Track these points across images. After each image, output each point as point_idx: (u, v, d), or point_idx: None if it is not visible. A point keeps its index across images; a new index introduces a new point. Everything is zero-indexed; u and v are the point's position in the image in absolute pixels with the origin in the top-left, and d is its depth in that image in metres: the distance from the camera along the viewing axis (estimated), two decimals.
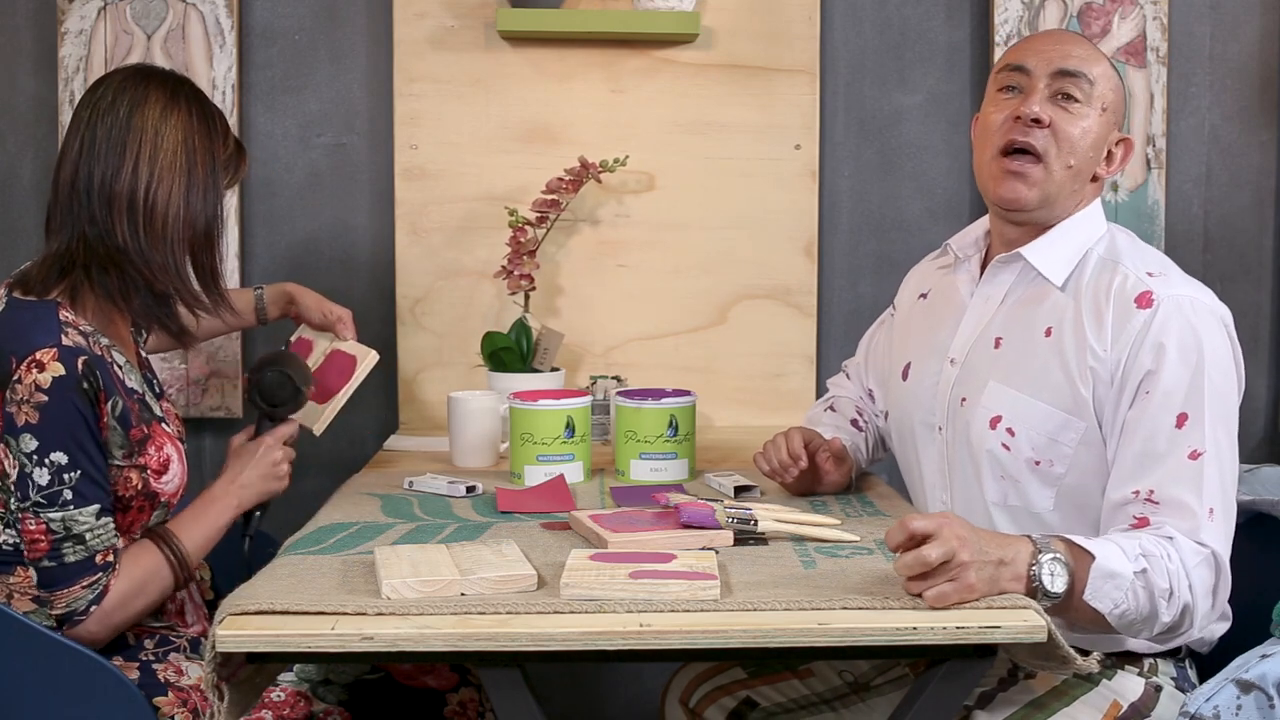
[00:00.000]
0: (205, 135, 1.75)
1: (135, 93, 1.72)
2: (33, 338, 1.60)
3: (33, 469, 1.57)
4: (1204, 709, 1.43)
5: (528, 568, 1.41)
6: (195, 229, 1.74)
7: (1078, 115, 1.63)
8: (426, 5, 2.55)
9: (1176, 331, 1.54)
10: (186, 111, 1.74)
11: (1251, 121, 2.67)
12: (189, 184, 1.72)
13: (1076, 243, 1.67)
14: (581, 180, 2.45)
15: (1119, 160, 1.69)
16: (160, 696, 1.63)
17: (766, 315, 2.62)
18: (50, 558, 1.58)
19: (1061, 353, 1.62)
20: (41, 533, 1.58)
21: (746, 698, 1.87)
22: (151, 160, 1.70)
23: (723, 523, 1.59)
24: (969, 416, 1.69)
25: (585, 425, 2.00)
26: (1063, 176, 1.64)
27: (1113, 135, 1.68)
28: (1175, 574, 1.44)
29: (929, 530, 1.33)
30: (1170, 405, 1.52)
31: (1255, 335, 2.71)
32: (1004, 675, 1.63)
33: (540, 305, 2.56)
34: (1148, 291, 1.58)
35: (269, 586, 1.40)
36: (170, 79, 1.76)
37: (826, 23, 2.62)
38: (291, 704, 1.74)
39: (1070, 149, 1.63)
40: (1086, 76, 1.63)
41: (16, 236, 2.60)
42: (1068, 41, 1.67)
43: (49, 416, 1.57)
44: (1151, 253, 1.69)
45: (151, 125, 1.71)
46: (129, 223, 1.69)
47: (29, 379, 1.57)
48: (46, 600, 1.60)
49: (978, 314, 1.74)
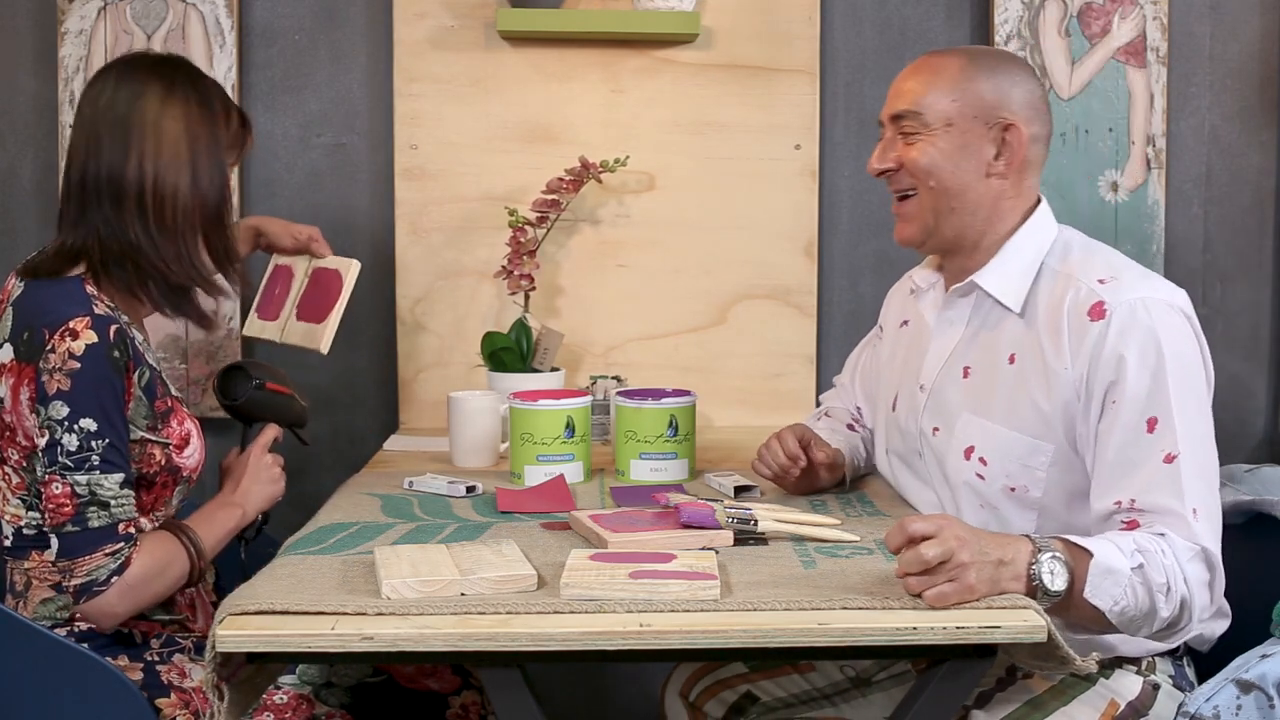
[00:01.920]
0: (206, 118, 1.75)
1: (133, 86, 1.72)
2: (63, 308, 1.62)
3: (62, 435, 1.58)
4: (1204, 709, 1.43)
5: (528, 568, 1.41)
6: (206, 213, 1.74)
7: (918, 146, 1.67)
8: (426, 5, 2.55)
9: (1132, 338, 1.53)
10: (184, 98, 1.74)
11: (1251, 121, 2.67)
12: (194, 171, 1.72)
13: (1027, 259, 1.67)
14: (582, 180, 2.45)
15: (1016, 147, 1.66)
16: (163, 698, 1.63)
17: (766, 315, 2.62)
18: (74, 522, 1.59)
19: (1026, 379, 1.62)
20: (67, 496, 1.58)
21: (747, 692, 1.87)
22: (155, 153, 1.71)
23: (723, 523, 1.59)
24: (944, 449, 1.72)
25: (585, 425, 2.00)
26: (934, 200, 1.67)
27: (985, 133, 1.66)
28: (1171, 569, 1.44)
29: (928, 532, 1.34)
30: (1138, 411, 1.51)
31: (1255, 335, 2.71)
32: (1002, 675, 1.63)
33: (540, 305, 2.56)
34: (1099, 302, 1.57)
35: (269, 586, 1.40)
36: (165, 65, 1.76)
37: (826, 23, 2.62)
38: (294, 707, 1.74)
39: (926, 174, 1.67)
40: (913, 112, 1.67)
41: (16, 237, 2.60)
42: (903, 80, 1.71)
43: (81, 383, 1.58)
44: (1101, 255, 1.67)
45: (151, 117, 1.71)
46: (139, 218, 1.70)
47: (62, 347, 1.59)
48: (67, 570, 1.59)
49: (942, 341, 1.76)
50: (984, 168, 1.66)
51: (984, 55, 1.71)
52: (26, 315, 1.64)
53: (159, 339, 2.51)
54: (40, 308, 1.64)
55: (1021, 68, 1.71)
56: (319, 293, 2.15)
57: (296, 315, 2.17)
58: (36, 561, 1.65)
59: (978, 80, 1.66)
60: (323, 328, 2.10)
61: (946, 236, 1.70)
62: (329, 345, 2.08)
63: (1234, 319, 2.71)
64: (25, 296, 1.67)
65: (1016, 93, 1.66)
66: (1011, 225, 1.69)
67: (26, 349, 1.62)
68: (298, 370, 2.60)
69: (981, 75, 1.66)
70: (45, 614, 1.66)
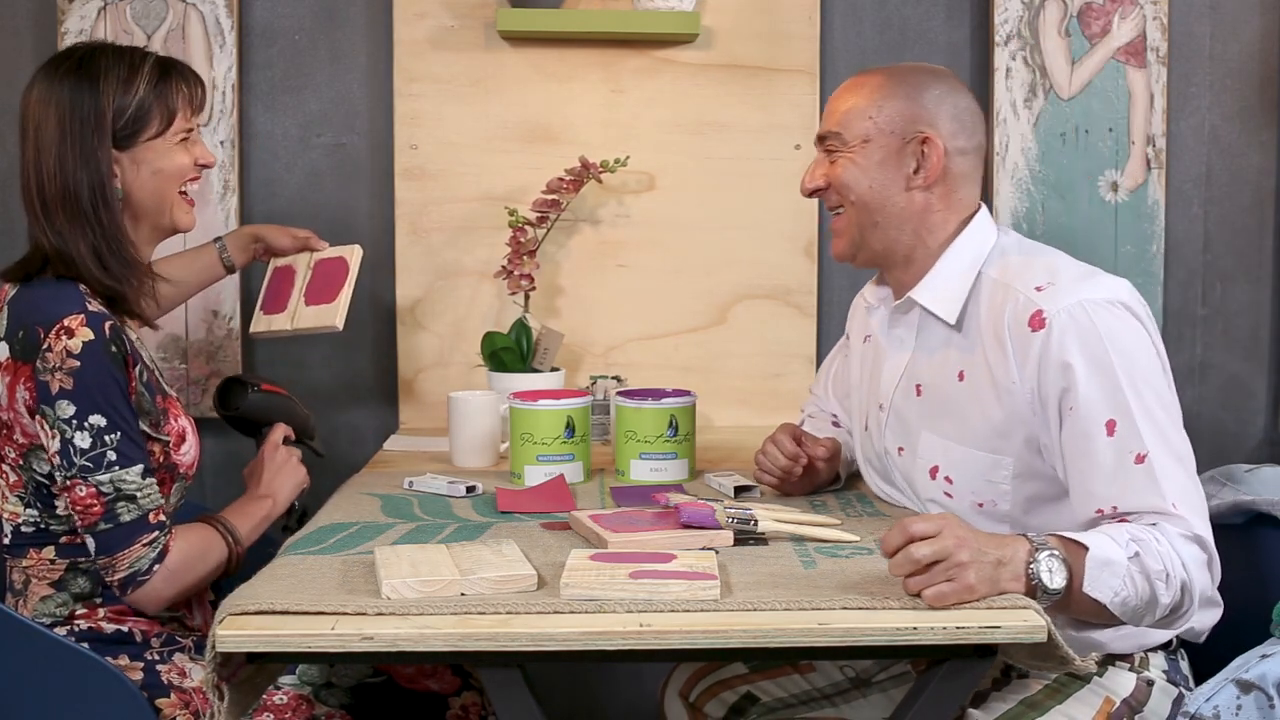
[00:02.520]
0: (85, 100, 1.67)
1: (30, 88, 1.70)
2: (56, 307, 1.61)
3: (73, 434, 1.58)
4: (1204, 709, 1.43)
5: (528, 568, 1.41)
6: (80, 203, 1.67)
7: (839, 163, 1.71)
8: (426, 5, 2.55)
9: (1075, 344, 1.53)
10: (62, 84, 1.68)
11: (1251, 121, 2.67)
12: (64, 157, 1.66)
13: (962, 270, 1.68)
14: (582, 180, 2.45)
15: (935, 160, 1.66)
16: (163, 698, 1.64)
17: (766, 315, 2.62)
18: (106, 520, 1.60)
19: (978, 394, 1.63)
20: (93, 497, 1.59)
21: (747, 692, 1.87)
22: (37, 149, 1.68)
23: (723, 523, 1.59)
24: (910, 468, 1.73)
25: (585, 425, 2.00)
26: (858, 215, 1.70)
27: (902, 148, 1.67)
28: (1167, 555, 1.44)
29: (929, 532, 1.34)
30: (1096, 416, 1.51)
31: (1255, 335, 2.71)
32: (998, 675, 1.63)
33: (540, 305, 2.56)
34: (1038, 311, 1.56)
35: (269, 586, 1.40)
36: (65, 56, 1.72)
37: (826, 23, 2.62)
38: (294, 707, 1.74)
39: (847, 190, 1.70)
40: (833, 133, 1.71)
41: (17, 237, 2.59)
42: (830, 102, 1.75)
43: (83, 381, 1.58)
44: (1039, 258, 1.67)
45: (33, 115, 1.69)
46: (45, 221, 1.68)
47: (59, 346, 1.58)
48: (108, 566, 1.61)
49: (894, 359, 1.77)
50: (904, 181, 1.68)
51: (906, 72, 1.72)
52: (21, 314, 1.64)
53: (159, 338, 2.51)
54: (34, 307, 1.64)
55: (944, 82, 1.71)
56: (325, 279, 2.14)
57: (305, 302, 2.16)
58: (35, 559, 1.65)
59: (894, 97, 1.68)
60: (334, 305, 2.09)
61: (875, 250, 1.73)
62: (343, 320, 2.07)
63: (1234, 319, 2.71)
64: (19, 297, 1.67)
65: (935, 107, 1.68)
66: (944, 237, 1.70)
67: (22, 348, 1.62)
68: (297, 370, 2.61)
69: (899, 92, 1.68)
70: (45, 611, 1.66)
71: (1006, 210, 2.59)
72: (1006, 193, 2.60)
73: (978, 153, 1.72)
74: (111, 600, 1.68)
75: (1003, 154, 2.60)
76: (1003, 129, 2.59)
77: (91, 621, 1.66)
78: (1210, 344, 2.71)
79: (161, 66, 1.74)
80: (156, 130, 1.73)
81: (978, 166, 1.73)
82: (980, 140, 1.72)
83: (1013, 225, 2.59)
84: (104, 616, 1.67)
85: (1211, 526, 1.51)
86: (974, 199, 1.72)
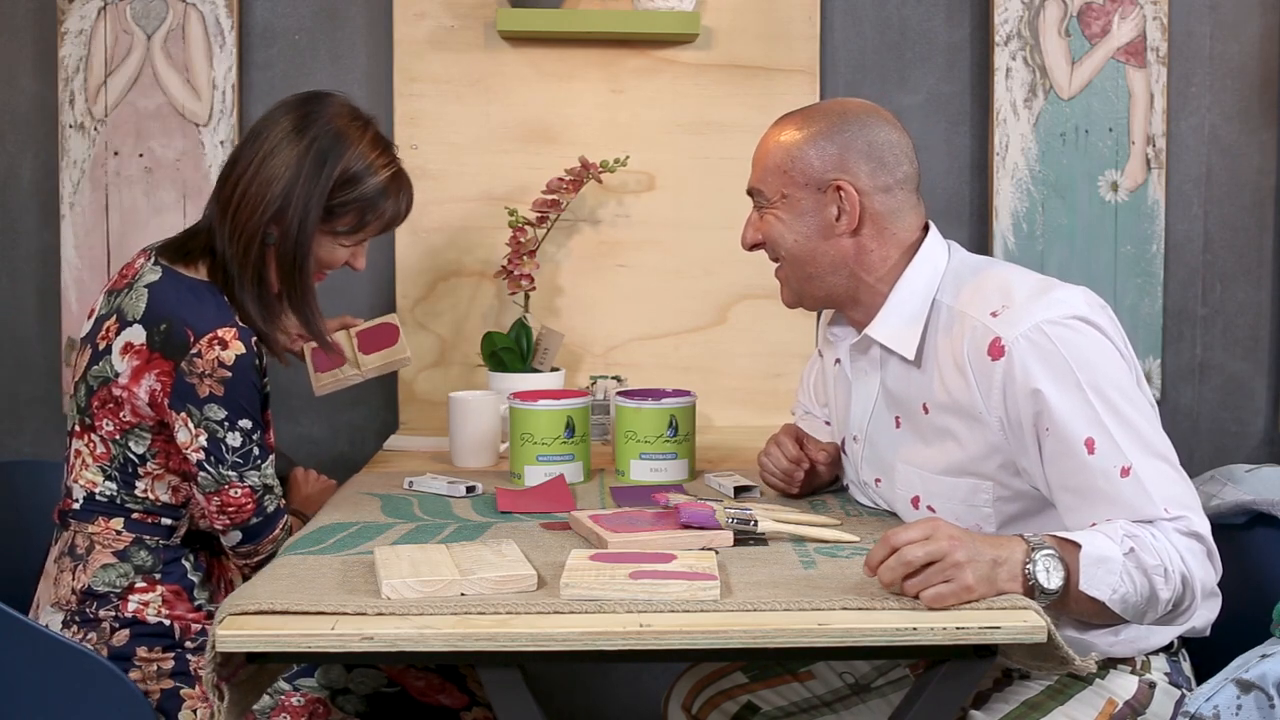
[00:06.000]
0: (313, 175, 1.80)
1: (281, 110, 1.84)
2: (209, 314, 1.72)
3: (225, 434, 1.72)
4: (1204, 709, 1.43)
5: (528, 568, 1.41)
6: (278, 260, 1.80)
7: (766, 219, 1.71)
8: (426, 5, 2.55)
9: (1038, 369, 1.51)
10: (307, 145, 1.80)
11: (1251, 121, 2.67)
12: (291, 194, 1.78)
13: (916, 302, 1.65)
14: (582, 180, 2.45)
15: (852, 205, 1.64)
16: (188, 688, 1.69)
17: (766, 315, 2.62)
18: (257, 514, 1.77)
19: (946, 425, 1.62)
20: (247, 495, 1.75)
21: (748, 702, 1.87)
22: (261, 166, 1.79)
23: (723, 523, 1.59)
24: (891, 498, 1.74)
25: (585, 425, 2.00)
26: (792, 268, 1.72)
27: (820, 198, 1.65)
28: (1164, 550, 1.44)
29: (916, 539, 1.34)
30: (1073, 436, 1.49)
31: (1255, 335, 2.71)
32: (999, 675, 1.63)
33: (540, 305, 2.56)
34: (996, 339, 1.54)
35: (269, 586, 1.40)
36: (317, 103, 1.86)
37: (826, 23, 2.62)
38: (310, 709, 1.75)
39: (776, 245, 1.72)
40: (756, 190, 1.72)
41: (17, 237, 2.60)
42: (754, 155, 1.74)
43: (234, 390, 1.70)
44: (992, 279, 1.63)
45: (269, 146, 1.80)
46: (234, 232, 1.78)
47: (210, 354, 1.69)
48: (253, 551, 1.79)
49: (862, 392, 1.76)
50: (828, 230, 1.66)
51: (818, 118, 1.68)
52: (168, 308, 1.71)
53: None
54: (183, 305, 1.72)
55: (855, 121, 1.66)
56: (373, 339, 2.18)
57: (363, 354, 2.18)
58: (103, 527, 1.74)
59: (806, 146, 1.66)
60: (399, 344, 2.15)
61: (818, 298, 1.73)
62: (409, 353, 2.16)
63: (1234, 319, 2.71)
64: (164, 287, 1.74)
65: (845, 152, 1.64)
66: (887, 273, 1.67)
67: (163, 342, 1.69)
68: (297, 369, 2.61)
69: (811, 142, 1.66)
70: (104, 580, 1.72)
71: (1006, 210, 2.59)
72: (1006, 193, 2.60)
73: (905, 184, 1.67)
74: (171, 580, 1.74)
75: (1003, 154, 2.60)
76: (1003, 129, 2.59)
77: (140, 603, 1.72)
78: (1210, 344, 2.71)
79: (397, 180, 1.88)
80: (350, 227, 1.85)
81: (909, 196, 1.68)
82: (908, 170, 1.67)
83: (1013, 225, 2.59)
84: (160, 596, 1.73)
85: (1211, 526, 1.51)
86: (914, 228, 1.68)
